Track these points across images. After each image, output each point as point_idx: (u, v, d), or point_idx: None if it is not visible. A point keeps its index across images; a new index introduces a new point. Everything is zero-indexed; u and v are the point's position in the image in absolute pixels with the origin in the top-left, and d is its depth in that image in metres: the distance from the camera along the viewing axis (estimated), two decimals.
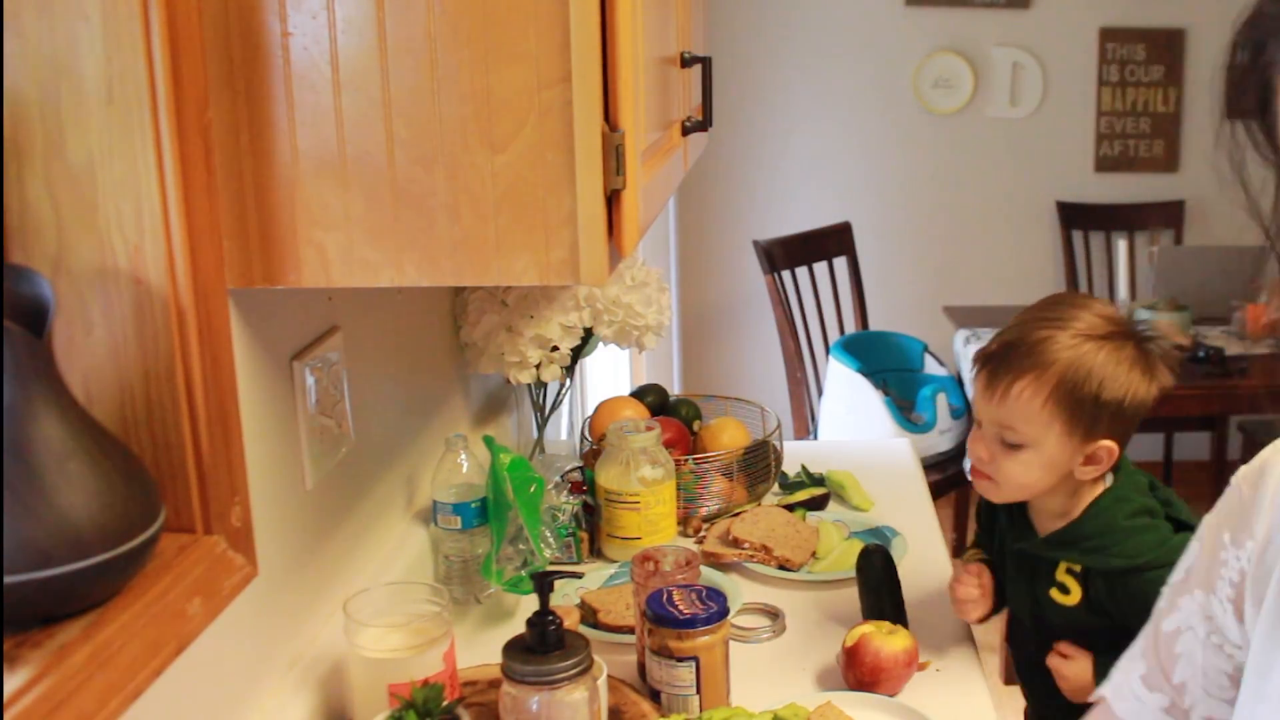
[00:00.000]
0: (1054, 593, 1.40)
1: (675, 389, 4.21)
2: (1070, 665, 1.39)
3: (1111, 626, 1.36)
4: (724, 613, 1.33)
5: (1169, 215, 4.30)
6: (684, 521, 1.83)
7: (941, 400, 3.44)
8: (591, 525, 1.76)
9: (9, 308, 0.79)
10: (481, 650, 1.42)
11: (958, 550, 3.76)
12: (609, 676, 1.28)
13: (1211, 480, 4.05)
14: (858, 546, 1.66)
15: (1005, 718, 1.43)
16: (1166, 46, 4.25)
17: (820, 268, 3.87)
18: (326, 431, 1.26)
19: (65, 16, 0.85)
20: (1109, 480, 1.42)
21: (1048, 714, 1.49)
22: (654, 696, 1.34)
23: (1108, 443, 1.34)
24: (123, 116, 0.86)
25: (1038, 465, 1.33)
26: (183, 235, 0.89)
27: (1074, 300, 1.37)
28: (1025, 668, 1.54)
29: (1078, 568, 1.38)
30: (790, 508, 1.85)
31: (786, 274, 3.73)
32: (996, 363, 1.33)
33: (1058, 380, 1.30)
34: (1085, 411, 1.31)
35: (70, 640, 0.79)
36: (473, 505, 1.54)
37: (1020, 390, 1.31)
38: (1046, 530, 1.41)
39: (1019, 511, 1.44)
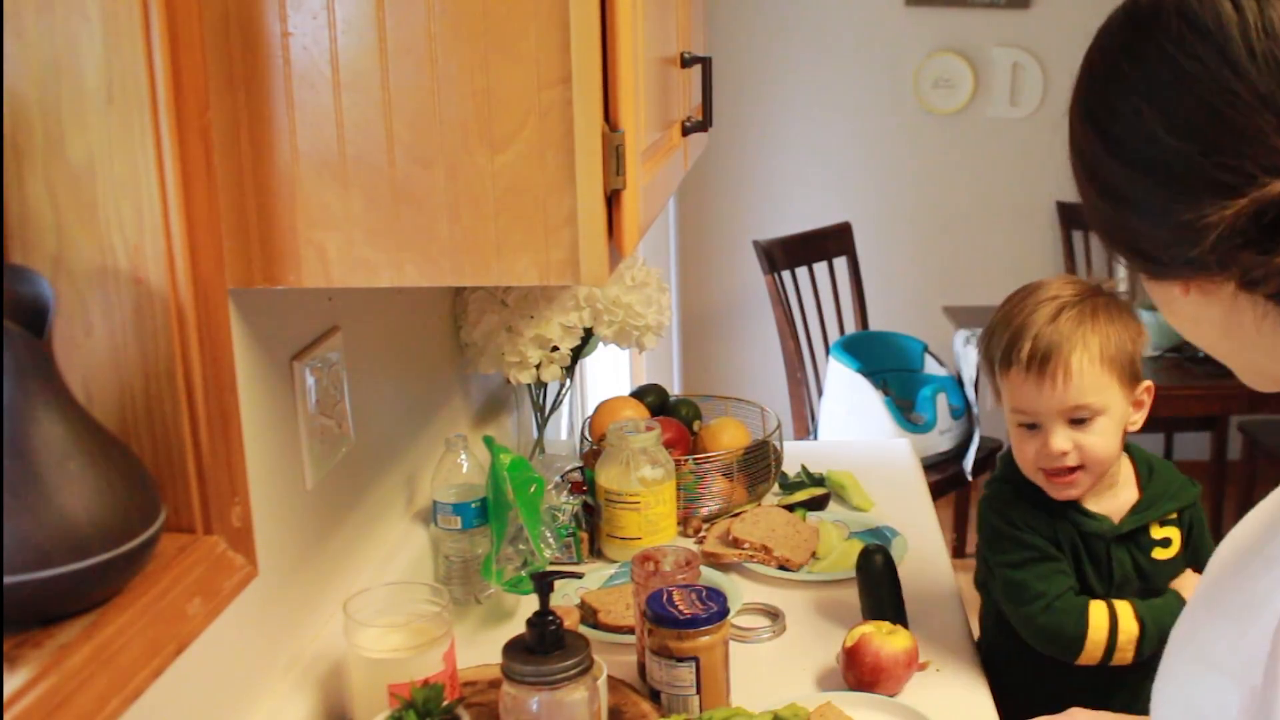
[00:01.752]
0: (1157, 552, 1.46)
1: (675, 389, 4.20)
2: None
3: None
4: (724, 613, 1.33)
5: None
6: (684, 521, 1.83)
7: (941, 400, 3.43)
8: (591, 525, 1.76)
9: (9, 308, 0.79)
10: (481, 650, 1.42)
11: (958, 551, 3.76)
12: (609, 676, 1.28)
13: (1211, 480, 4.05)
14: (858, 546, 1.65)
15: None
16: None
17: (820, 268, 3.87)
18: (326, 431, 1.26)
19: (65, 16, 0.85)
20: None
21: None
22: (654, 696, 1.34)
23: (1146, 382, 1.44)
24: (123, 116, 0.86)
25: (1113, 427, 1.41)
26: (183, 235, 0.90)
27: (1038, 285, 1.45)
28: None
29: (1174, 515, 1.46)
30: (790, 508, 1.85)
31: (786, 274, 3.73)
32: (1040, 357, 1.39)
33: (1099, 341, 1.39)
34: (1126, 358, 1.40)
35: (70, 640, 0.79)
36: (473, 505, 1.54)
37: (1079, 364, 1.38)
38: (1110, 508, 1.46)
39: (1072, 514, 1.45)
